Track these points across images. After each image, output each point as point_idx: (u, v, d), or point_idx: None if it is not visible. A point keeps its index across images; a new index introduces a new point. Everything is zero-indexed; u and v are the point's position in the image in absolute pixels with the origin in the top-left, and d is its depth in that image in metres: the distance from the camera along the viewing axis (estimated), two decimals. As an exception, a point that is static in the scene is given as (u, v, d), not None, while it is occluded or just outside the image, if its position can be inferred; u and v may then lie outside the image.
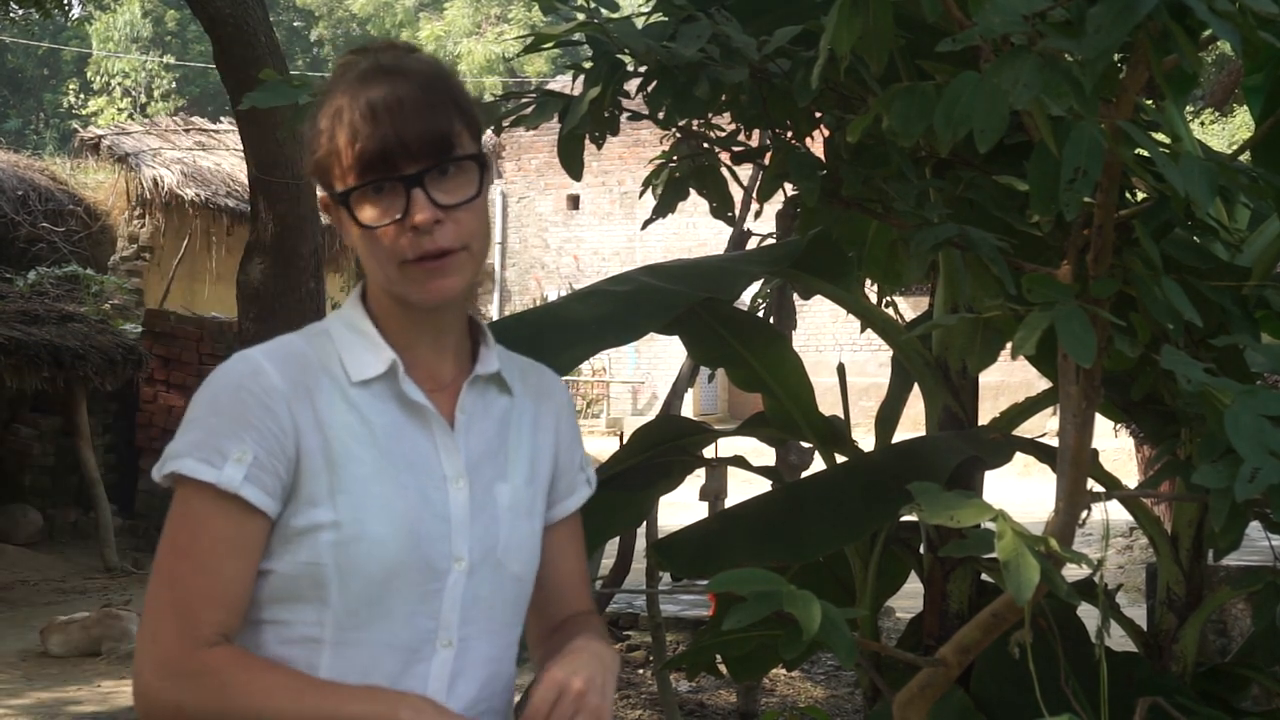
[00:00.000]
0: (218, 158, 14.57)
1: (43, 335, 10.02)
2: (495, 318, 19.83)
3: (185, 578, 1.35)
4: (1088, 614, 2.21)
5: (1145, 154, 1.65)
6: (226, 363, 1.40)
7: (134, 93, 34.09)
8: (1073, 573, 1.87)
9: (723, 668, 3.15)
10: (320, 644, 1.38)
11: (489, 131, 2.09)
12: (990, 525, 1.67)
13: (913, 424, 2.44)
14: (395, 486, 1.40)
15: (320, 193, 1.44)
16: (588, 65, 2.13)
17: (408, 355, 1.46)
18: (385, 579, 1.37)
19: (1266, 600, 2.31)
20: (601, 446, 17.08)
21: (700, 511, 5.27)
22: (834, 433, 2.80)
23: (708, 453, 3.13)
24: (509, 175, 24.42)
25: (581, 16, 2.10)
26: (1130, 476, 10.25)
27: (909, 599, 3.42)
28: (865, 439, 2.95)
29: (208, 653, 1.34)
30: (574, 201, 23.77)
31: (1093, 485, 2.02)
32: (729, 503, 5.44)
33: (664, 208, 2.37)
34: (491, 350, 1.53)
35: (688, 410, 6.51)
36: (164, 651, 1.34)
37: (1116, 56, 1.70)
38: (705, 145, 2.32)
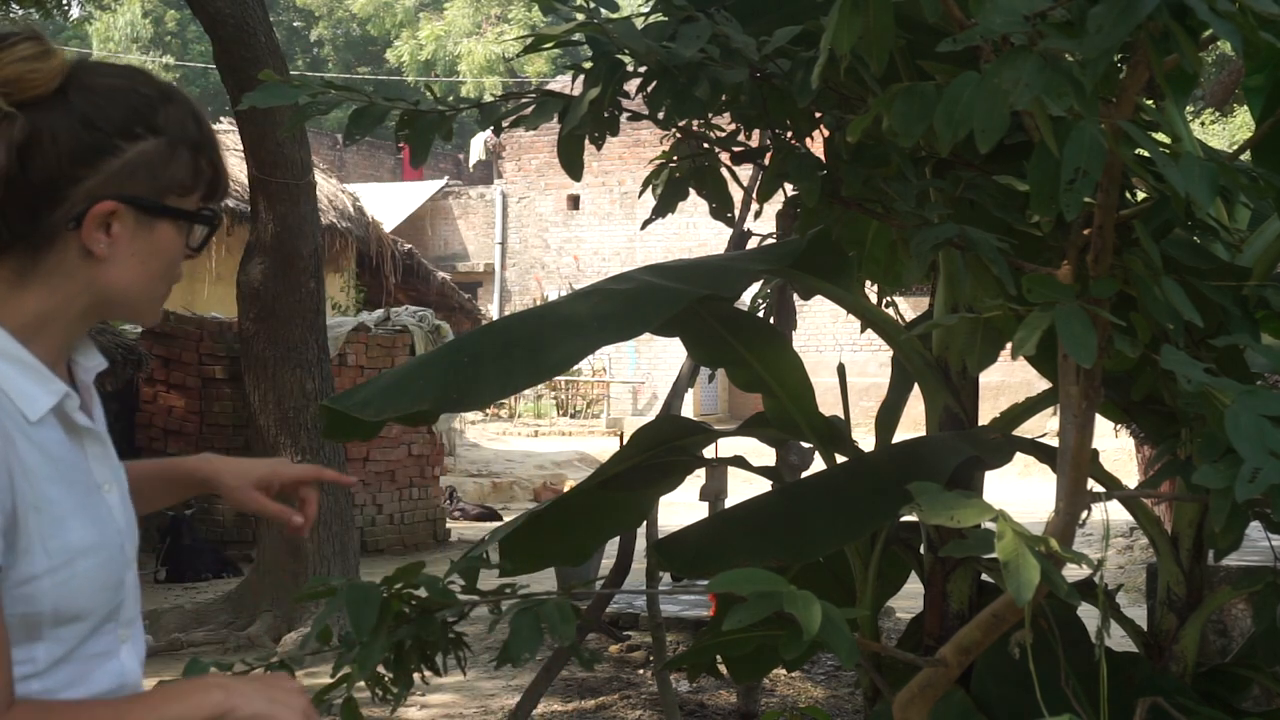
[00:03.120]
0: (218, 158, 14.56)
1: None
2: (495, 317, 19.83)
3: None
4: (1088, 614, 2.21)
5: (1145, 154, 1.65)
6: None
7: (134, 93, 34.03)
8: (1073, 573, 1.87)
9: (723, 668, 3.15)
10: (31, 679, 1.32)
11: (489, 131, 2.09)
12: (990, 525, 1.67)
13: (913, 424, 2.44)
14: (86, 518, 1.36)
15: (110, 203, 1.34)
16: (588, 65, 2.13)
17: (56, 373, 1.40)
18: (90, 604, 1.35)
19: (1267, 600, 2.31)
20: (601, 446, 17.08)
21: (700, 511, 5.27)
22: (834, 433, 2.80)
23: (708, 453, 3.13)
24: (509, 175, 24.42)
25: (581, 17, 2.10)
26: (1130, 476, 10.24)
27: (909, 599, 3.41)
28: (865, 439, 2.95)
29: (8, 716, 1.26)
30: (574, 201, 23.78)
31: (1093, 485, 2.02)
32: (729, 503, 5.44)
33: (664, 208, 2.37)
34: (92, 346, 1.49)
35: (688, 410, 6.51)
36: None
37: (1117, 56, 1.70)
38: (705, 145, 2.33)
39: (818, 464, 2.89)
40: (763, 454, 3.62)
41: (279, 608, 7.76)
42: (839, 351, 14.94)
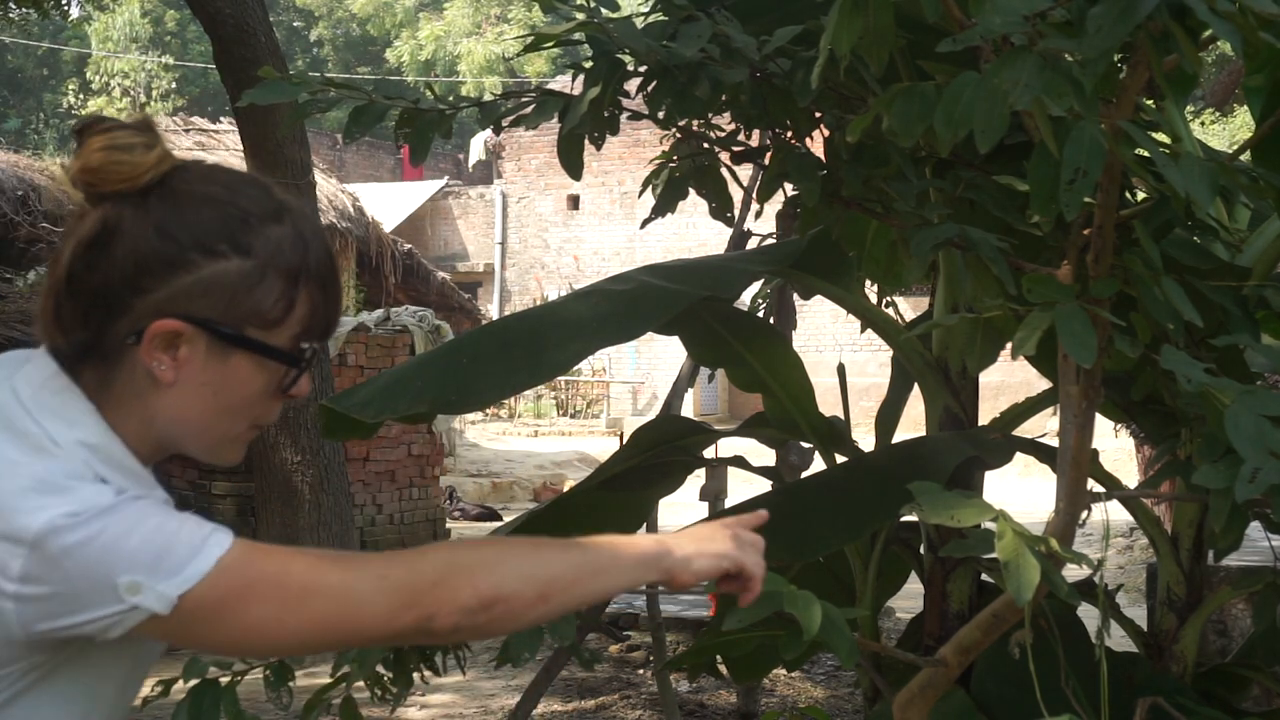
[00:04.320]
0: (218, 158, 14.58)
1: (43, 335, 10.01)
2: (495, 317, 19.84)
3: (328, 560, 1.23)
4: (1088, 614, 2.21)
5: (1145, 154, 1.65)
6: (94, 498, 1.15)
7: (133, 93, 34.09)
8: (1073, 573, 1.87)
9: (723, 668, 3.15)
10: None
11: (489, 131, 2.09)
12: (990, 525, 1.67)
13: (913, 424, 2.44)
14: None
15: (174, 321, 1.20)
16: (588, 65, 2.13)
17: None
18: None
19: (1266, 600, 2.31)
20: (601, 446, 17.08)
21: (700, 511, 5.27)
22: (834, 433, 2.80)
23: (708, 453, 3.13)
24: (509, 175, 24.42)
25: (581, 16, 2.10)
26: (1130, 476, 10.24)
27: (909, 599, 3.41)
28: (865, 439, 2.95)
29: (442, 548, 1.27)
30: (574, 201, 23.77)
31: (1093, 485, 2.02)
32: (729, 503, 5.44)
33: (663, 207, 2.37)
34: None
35: (688, 410, 6.51)
36: (411, 575, 1.21)
37: (1117, 57, 1.70)
38: (705, 145, 2.32)
39: (818, 464, 2.89)
40: (763, 454, 3.62)
41: (279, 608, 7.75)
42: (839, 351, 14.95)
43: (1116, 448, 12.08)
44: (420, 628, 1.21)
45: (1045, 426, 3.19)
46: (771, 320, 4.69)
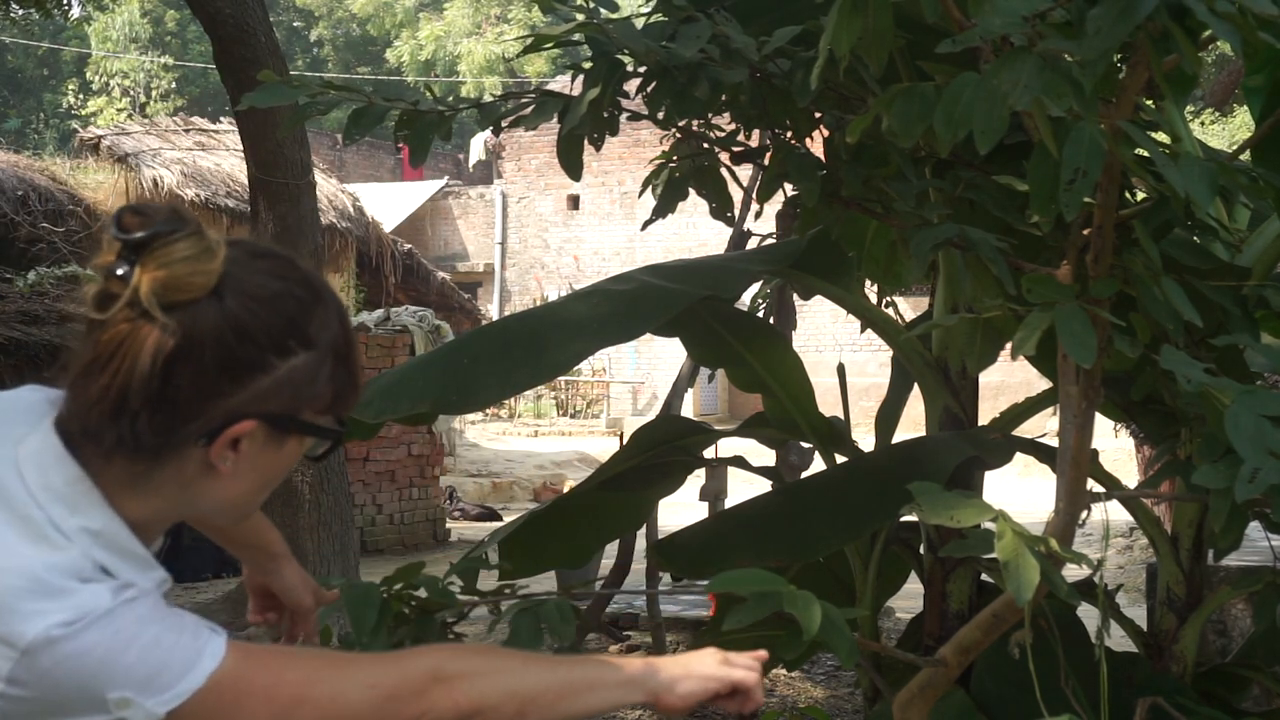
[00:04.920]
0: (217, 158, 14.56)
1: (43, 335, 10.02)
2: (495, 317, 19.84)
3: (321, 666, 1.27)
4: (1088, 614, 2.21)
5: (1145, 154, 1.66)
6: (91, 601, 1.13)
7: (133, 93, 34.10)
8: (1073, 573, 1.88)
9: (723, 668, 3.14)
10: None
11: (489, 131, 2.08)
12: (990, 525, 1.67)
13: (913, 424, 2.44)
14: None
15: (250, 422, 1.21)
16: (587, 65, 2.13)
17: None
18: None
19: (1266, 600, 2.31)
20: (601, 446, 17.07)
21: (700, 511, 5.26)
22: (834, 433, 2.81)
23: (708, 453, 3.13)
24: (509, 175, 24.42)
25: (581, 17, 2.10)
26: (1130, 476, 10.23)
27: (909, 599, 3.41)
28: (865, 439, 2.95)
29: (433, 653, 1.32)
30: (574, 201, 23.77)
31: (1093, 485, 2.02)
32: (729, 503, 5.44)
33: (664, 208, 2.38)
34: None
35: (688, 410, 6.51)
36: (397, 685, 1.25)
37: (1116, 57, 1.70)
38: (705, 145, 2.33)
39: (818, 464, 2.89)
40: (763, 454, 3.62)
41: (279, 608, 7.76)
42: (839, 351, 14.94)
43: (1116, 448, 12.07)
44: None
45: (1045, 426, 3.19)
46: (771, 320, 4.70)
